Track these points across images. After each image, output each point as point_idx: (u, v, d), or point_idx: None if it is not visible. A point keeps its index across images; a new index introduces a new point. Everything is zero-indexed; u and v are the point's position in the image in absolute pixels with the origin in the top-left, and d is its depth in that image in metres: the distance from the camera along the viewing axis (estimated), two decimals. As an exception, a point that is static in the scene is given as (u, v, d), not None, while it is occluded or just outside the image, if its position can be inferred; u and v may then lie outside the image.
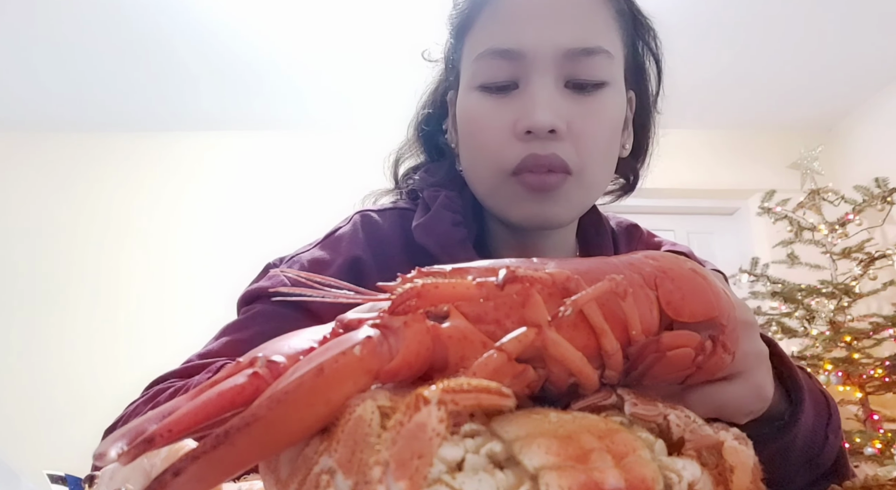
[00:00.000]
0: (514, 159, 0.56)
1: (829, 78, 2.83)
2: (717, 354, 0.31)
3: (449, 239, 0.61)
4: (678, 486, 0.22)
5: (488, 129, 0.58)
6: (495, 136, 0.58)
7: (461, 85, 0.63)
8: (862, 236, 2.58)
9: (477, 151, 0.60)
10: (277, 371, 0.23)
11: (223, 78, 2.77)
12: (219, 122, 3.09)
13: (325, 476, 0.19)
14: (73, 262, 2.96)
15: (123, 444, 0.20)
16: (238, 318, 0.61)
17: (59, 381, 2.75)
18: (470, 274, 0.28)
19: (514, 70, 0.57)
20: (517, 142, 0.57)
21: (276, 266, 0.64)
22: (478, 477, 0.20)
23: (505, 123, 0.57)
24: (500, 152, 0.57)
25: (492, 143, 0.58)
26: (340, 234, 0.65)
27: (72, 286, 2.92)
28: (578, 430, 0.22)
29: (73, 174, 3.08)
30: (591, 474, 0.20)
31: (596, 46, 0.57)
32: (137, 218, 3.04)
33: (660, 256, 0.33)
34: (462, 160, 0.65)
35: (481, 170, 0.60)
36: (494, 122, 0.58)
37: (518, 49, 0.57)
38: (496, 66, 0.58)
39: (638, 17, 0.67)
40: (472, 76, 0.60)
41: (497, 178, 0.58)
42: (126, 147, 3.13)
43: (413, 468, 0.18)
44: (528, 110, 0.56)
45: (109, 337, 2.83)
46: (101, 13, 2.35)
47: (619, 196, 0.76)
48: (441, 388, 0.20)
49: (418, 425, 0.19)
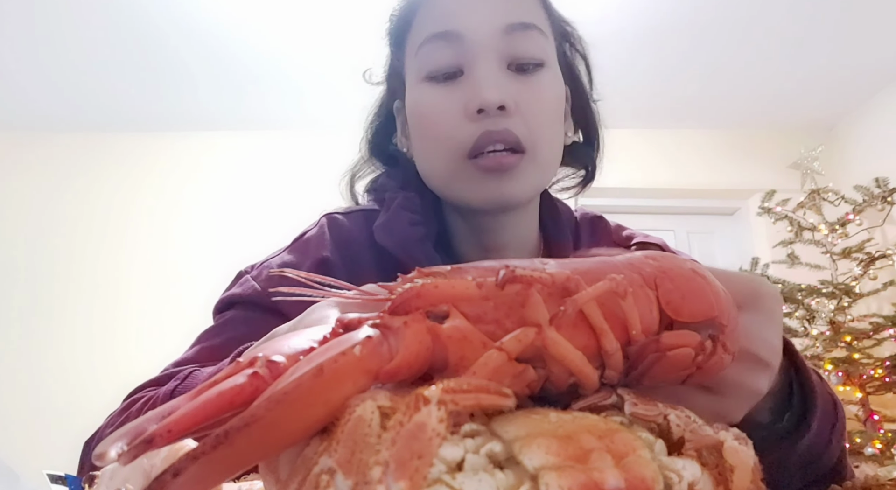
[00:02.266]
0: (469, 139, 0.58)
1: (829, 78, 2.83)
2: (718, 354, 0.31)
3: (407, 238, 0.62)
4: (678, 486, 0.22)
5: (439, 115, 0.60)
6: (447, 121, 0.59)
7: (408, 84, 0.64)
8: (862, 236, 2.58)
9: (431, 140, 0.61)
10: (277, 371, 0.23)
11: (222, 78, 2.77)
12: (218, 122, 3.09)
13: (325, 476, 0.19)
14: (73, 261, 2.96)
15: (123, 444, 0.20)
16: (213, 325, 0.62)
17: (60, 381, 2.75)
18: (470, 274, 0.28)
19: (456, 55, 0.59)
20: (469, 123, 0.58)
21: (249, 273, 0.65)
22: (478, 477, 0.20)
23: (455, 107, 0.59)
24: (454, 135, 0.59)
25: (444, 128, 0.59)
26: (308, 237, 0.67)
27: (72, 286, 2.92)
28: (578, 430, 0.22)
29: (71, 174, 3.08)
30: (591, 474, 0.20)
31: (531, 22, 0.60)
32: (136, 218, 3.04)
33: (660, 256, 0.33)
34: (417, 156, 0.66)
35: (437, 158, 0.61)
36: (445, 108, 0.59)
37: (457, 30, 0.59)
38: (438, 51, 0.60)
39: (561, 19, 0.69)
40: (418, 69, 0.61)
41: (453, 163, 0.60)
42: (126, 147, 3.13)
43: (413, 468, 0.18)
44: (477, 90, 0.57)
45: (109, 337, 2.83)
46: (100, 13, 2.35)
47: (580, 189, 0.77)
48: (441, 388, 0.20)
49: (418, 425, 0.19)
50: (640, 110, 2.98)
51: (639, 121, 3.06)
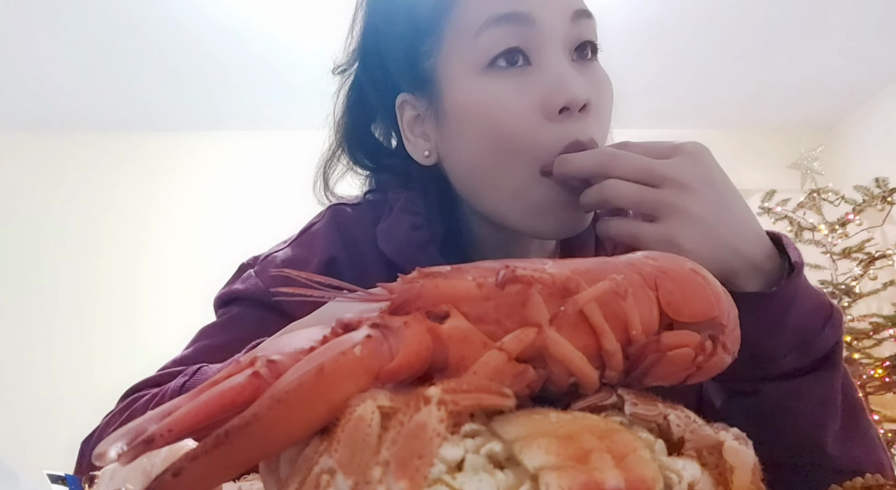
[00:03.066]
0: (553, 146, 0.50)
1: (829, 78, 2.83)
2: (718, 354, 0.31)
3: (408, 244, 0.57)
4: (678, 486, 0.22)
5: (512, 114, 0.50)
6: (523, 121, 0.50)
7: (456, 74, 0.54)
8: (862, 236, 2.58)
9: (501, 144, 0.51)
10: (277, 371, 0.23)
11: (222, 78, 2.77)
12: (219, 122, 3.09)
13: (326, 476, 0.19)
14: (73, 260, 2.96)
15: (123, 444, 0.20)
16: (213, 322, 0.60)
17: (60, 381, 2.75)
18: (470, 274, 0.28)
19: (524, 40, 0.51)
20: (550, 124, 0.50)
21: (251, 266, 0.62)
22: (478, 477, 0.20)
23: (532, 104, 0.50)
24: (534, 138, 0.50)
25: (520, 128, 0.50)
26: (315, 230, 0.63)
27: (72, 286, 2.92)
28: (578, 430, 0.22)
29: (71, 173, 3.08)
30: (591, 474, 0.20)
31: (589, 10, 0.54)
32: (137, 217, 3.04)
33: (660, 256, 0.33)
34: (464, 161, 0.56)
35: (506, 169, 0.52)
36: (517, 105, 0.50)
37: (528, 13, 0.50)
38: (505, 36, 0.51)
39: None
40: (476, 57, 0.52)
41: (528, 176, 0.51)
42: (125, 147, 3.13)
43: (413, 468, 0.18)
44: (559, 84, 0.50)
45: (110, 336, 2.83)
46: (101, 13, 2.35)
47: None
48: (441, 388, 0.20)
49: (419, 425, 0.19)
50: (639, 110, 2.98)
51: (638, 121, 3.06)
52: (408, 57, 0.58)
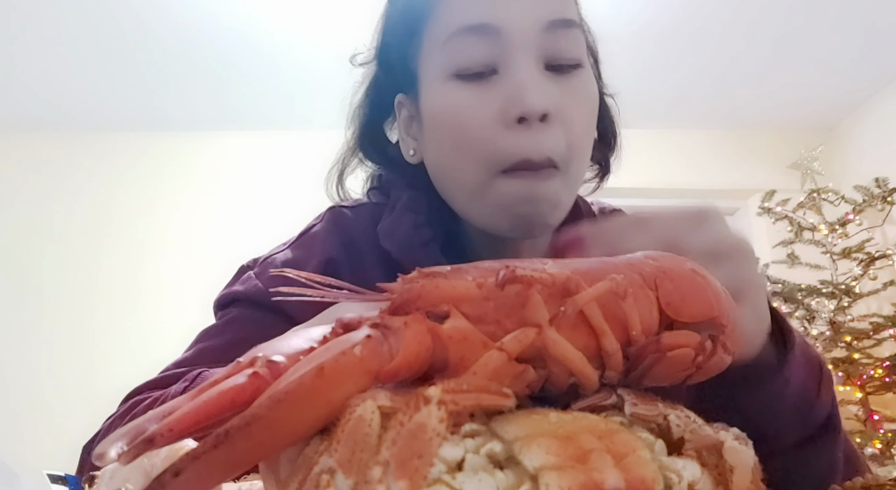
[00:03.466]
0: (509, 156, 0.51)
1: (829, 78, 2.83)
2: (718, 354, 0.31)
3: (410, 242, 0.58)
4: (678, 486, 0.22)
5: (472, 121, 0.52)
6: (481, 129, 0.52)
7: (426, 80, 0.57)
8: (862, 236, 2.58)
9: (461, 149, 0.54)
10: (278, 371, 0.23)
11: (223, 78, 2.77)
12: (220, 122, 3.09)
13: (326, 476, 0.19)
14: (73, 261, 2.96)
15: (123, 444, 0.20)
16: (213, 323, 0.60)
17: (60, 381, 2.75)
18: (470, 274, 0.28)
19: (491, 51, 0.52)
20: (507, 132, 0.51)
21: (251, 268, 0.62)
22: (478, 477, 0.20)
23: (489, 112, 0.52)
24: (491, 146, 0.52)
25: (479, 136, 0.52)
26: (314, 232, 0.63)
27: (72, 285, 2.92)
28: (578, 430, 0.22)
29: (71, 174, 3.08)
30: (591, 474, 0.20)
31: (572, 18, 0.54)
32: (136, 217, 3.04)
33: (660, 256, 0.33)
34: (435, 163, 0.58)
35: (465, 170, 0.54)
36: (478, 112, 0.52)
37: (494, 24, 0.51)
38: (471, 46, 0.52)
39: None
40: (444, 65, 0.54)
41: (484, 177, 0.53)
42: (126, 147, 3.13)
43: (413, 468, 0.18)
44: (517, 94, 0.50)
45: (110, 336, 2.83)
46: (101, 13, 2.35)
47: (597, 184, 0.73)
48: (441, 388, 0.20)
49: (418, 425, 0.19)
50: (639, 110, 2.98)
51: (638, 121, 3.06)
52: (401, 57, 0.60)
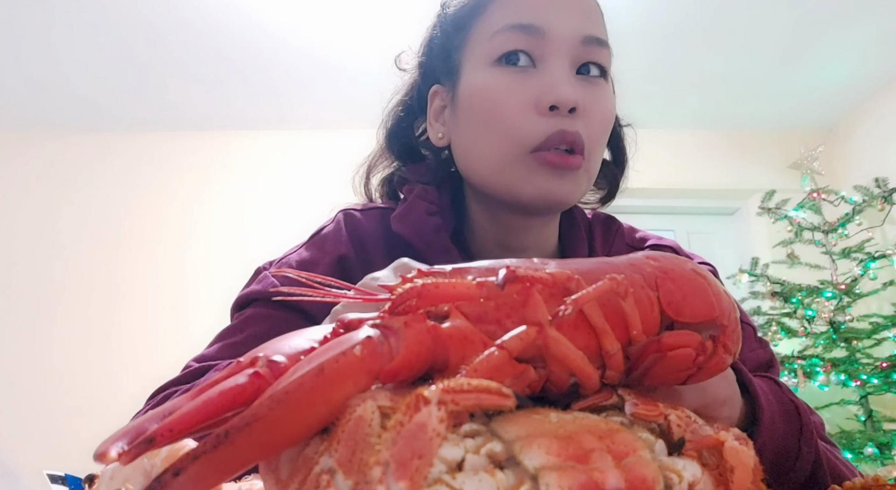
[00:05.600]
0: (539, 134, 0.57)
1: (829, 78, 2.83)
2: (718, 355, 0.31)
3: (423, 227, 0.62)
4: (678, 486, 0.22)
5: (509, 103, 0.58)
6: (516, 111, 0.58)
7: (468, 67, 0.63)
8: (862, 236, 2.58)
9: (494, 126, 0.59)
10: (278, 371, 0.23)
11: (223, 78, 2.77)
12: (220, 122, 3.09)
13: (326, 476, 0.19)
14: (73, 261, 2.95)
15: (124, 444, 0.20)
16: (232, 322, 0.62)
17: (60, 381, 2.75)
18: (470, 274, 0.28)
19: (533, 48, 0.58)
20: (540, 118, 0.57)
21: (267, 269, 0.64)
22: (478, 477, 0.20)
23: (525, 98, 0.58)
24: (523, 127, 0.57)
25: (513, 117, 0.58)
26: (325, 233, 0.66)
27: (72, 286, 2.92)
28: (579, 430, 0.22)
29: (82, 174, 3.08)
30: (592, 474, 0.20)
31: (605, 40, 0.62)
32: (142, 218, 3.04)
33: (661, 257, 0.33)
34: (464, 140, 0.63)
35: (495, 146, 0.59)
36: (514, 96, 0.58)
37: (541, 26, 0.58)
38: (517, 40, 0.59)
39: None
40: (487, 53, 0.60)
41: (513, 154, 0.58)
42: (126, 147, 3.12)
43: (413, 468, 0.18)
44: (552, 86, 0.57)
45: (110, 336, 2.83)
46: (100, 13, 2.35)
47: (598, 206, 0.77)
48: (441, 388, 0.20)
49: (418, 425, 0.19)
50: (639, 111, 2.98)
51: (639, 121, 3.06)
52: (445, 48, 0.66)
